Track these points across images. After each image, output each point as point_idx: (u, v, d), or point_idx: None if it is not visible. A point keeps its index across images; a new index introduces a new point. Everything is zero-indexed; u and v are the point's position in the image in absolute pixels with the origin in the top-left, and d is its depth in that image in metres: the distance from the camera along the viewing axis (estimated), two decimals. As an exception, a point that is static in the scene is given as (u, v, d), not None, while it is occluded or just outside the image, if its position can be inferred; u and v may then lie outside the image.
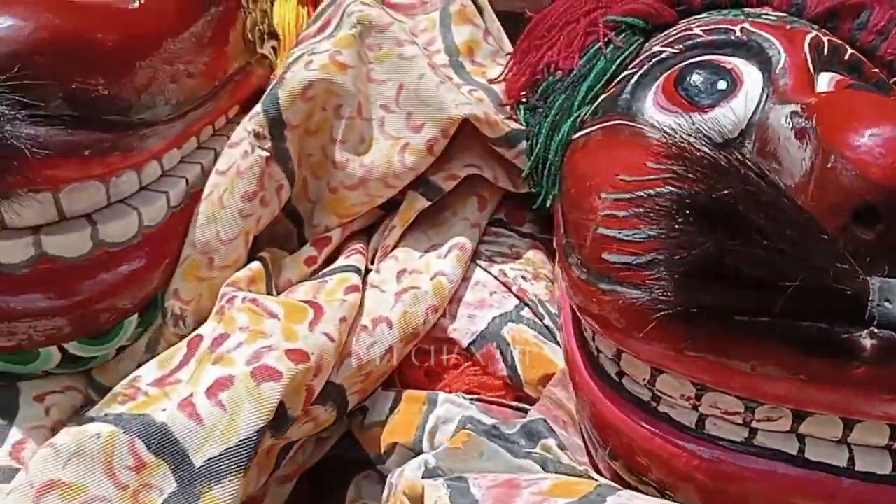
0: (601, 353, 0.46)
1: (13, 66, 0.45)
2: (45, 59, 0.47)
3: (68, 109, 0.48)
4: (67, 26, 0.48)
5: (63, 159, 0.47)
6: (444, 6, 0.66)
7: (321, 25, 0.64)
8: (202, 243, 0.55)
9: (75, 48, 0.48)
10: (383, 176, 0.59)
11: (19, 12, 0.47)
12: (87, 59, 0.49)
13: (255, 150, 0.56)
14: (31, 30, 0.47)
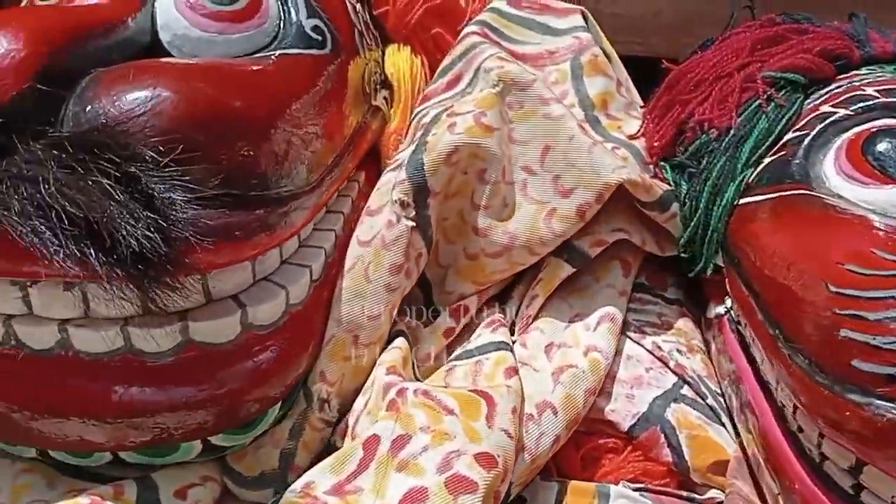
0: (828, 460, 0.42)
1: (172, 143, 0.41)
2: (202, 135, 0.43)
3: (222, 188, 0.44)
4: (219, 96, 0.45)
5: (219, 244, 0.43)
6: (574, 56, 0.62)
7: (450, 80, 0.60)
8: (348, 320, 0.52)
9: (228, 119, 0.45)
10: (528, 243, 0.55)
11: (168, 83, 0.43)
12: (239, 130, 0.45)
13: (400, 220, 0.53)
14: (184, 102, 0.43)
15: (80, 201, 0.36)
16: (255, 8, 0.53)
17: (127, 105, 0.42)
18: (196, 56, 0.51)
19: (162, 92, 0.42)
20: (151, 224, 0.37)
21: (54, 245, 0.38)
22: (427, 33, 0.67)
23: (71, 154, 0.38)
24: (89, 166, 0.37)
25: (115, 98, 0.42)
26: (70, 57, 0.43)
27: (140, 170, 0.38)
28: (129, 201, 0.37)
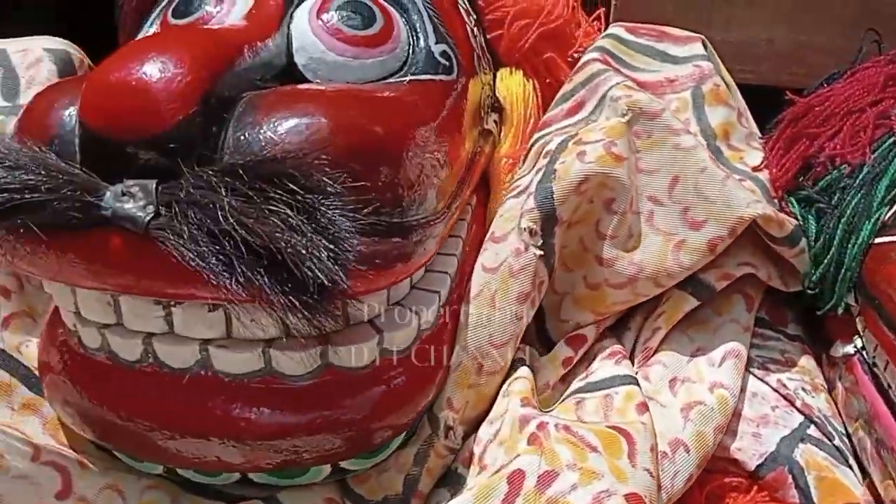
0: None
1: (334, 171, 0.41)
2: (357, 163, 0.43)
3: (372, 216, 0.44)
4: (368, 123, 0.45)
5: (365, 273, 0.43)
6: (695, 85, 0.61)
7: (572, 107, 0.60)
8: (474, 348, 0.51)
9: (375, 147, 0.45)
10: (654, 275, 0.54)
11: (324, 110, 0.43)
12: (383, 157, 0.45)
13: (528, 248, 0.52)
14: (342, 130, 0.43)
15: (261, 231, 0.37)
16: (388, 33, 0.54)
17: (287, 132, 0.42)
18: (331, 80, 0.52)
19: (320, 119, 0.43)
20: (331, 255, 0.37)
21: (226, 271, 0.38)
22: (539, 58, 0.67)
23: (246, 182, 0.38)
24: (267, 196, 0.38)
25: (275, 124, 0.42)
26: (226, 81, 0.44)
27: (315, 200, 0.38)
28: (313, 233, 0.37)
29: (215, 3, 0.54)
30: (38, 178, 0.39)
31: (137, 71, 0.40)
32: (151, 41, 0.43)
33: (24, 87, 0.58)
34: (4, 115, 0.56)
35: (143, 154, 0.40)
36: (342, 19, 0.53)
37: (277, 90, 0.46)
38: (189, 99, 0.40)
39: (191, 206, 0.39)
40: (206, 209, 0.38)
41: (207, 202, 0.38)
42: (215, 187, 0.38)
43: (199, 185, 0.39)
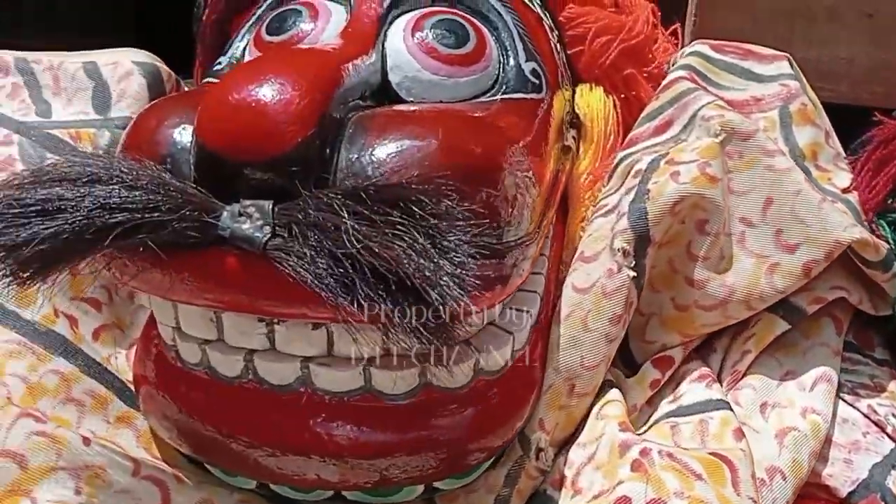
0: None
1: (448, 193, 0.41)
2: (467, 186, 0.43)
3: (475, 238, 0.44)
4: (473, 145, 0.45)
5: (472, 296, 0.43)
6: (783, 105, 0.61)
7: (660, 125, 0.60)
8: (566, 369, 0.51)
9: (481, 168, 0.45)
10: (746, 298, 0.54)
11: (434, 132, 0.43)
12: (485, 179, 0.45)
13: (622, 269, 0.52)
14: (453, 152, 0.43)
15: (388, 256, 0.37)
16: (481, 51, 0.53)
17: (399, 154, 0.42)
18: (424, 98, 0.52)
19: (430, 141, 0.43)
20: (457, 281, 0.37)
21: (347, 294, 0.38)
22: (619, 74, 0.66)
23: (368, 205, 0.38)
24: (391, 220, 0.38)
25: (386, 147, 0.42)
26: (336, 102, 0.44)
27: (439, 224, 0.38)
28: (439, 258, 0.37)
29: (310, 21, 0.54)
30: (158, 198, 0.39)
31: (256, 92, 0.40)
32: (265, 62, 0.43)
33: (116, 100, 0.59)
34: (96, 127, 0.57)
35: (260, 175, 0.40)
36: (437, 38, 0.53)
37: (384, 112, 0.46)
38: (308, 121, 0.40)
39: (311, 227, 0.39)
40: (327, 232, 0.38)
41: (329, 225, 0.38)
42: (337, 210, 0.38)
43: (319, 208, 0.39)
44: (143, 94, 0.59)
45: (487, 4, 0.57)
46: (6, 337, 0.49)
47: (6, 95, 0.58)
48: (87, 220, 0.38)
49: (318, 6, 0.55)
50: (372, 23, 0.53)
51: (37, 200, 0.38)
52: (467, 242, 0.39)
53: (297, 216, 0.39)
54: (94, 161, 0.40)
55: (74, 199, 0.38)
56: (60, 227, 0.38)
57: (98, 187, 0.39)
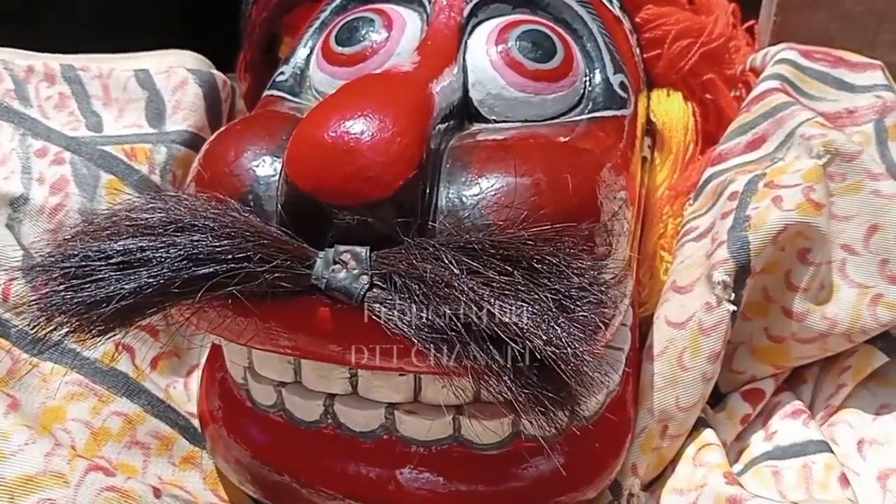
0: None
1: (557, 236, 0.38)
2: (570, 223, 0.39)
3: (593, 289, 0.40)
4: (572, 179, 0.41)
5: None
6: (878, 118, 0.57)
7: (752, 141, 0.56)
8: (660, 410, 0.48)
9: (583, 203, 0.41)
10: (848, 331, 0.50)
11: (536, 168, 0.40)
12: (586, 213, 0.41)
13: (721, 303, 0.49)
14: (560, 191, 0.39)
15: (509, 322, 0.33)
16: (569, 65, 0.50)
17: (504, 194, 0.38)
18: (508, 117, 0.48)
19: (535, 178, 0.39)
20: (586, 349, 0.34)
21: (460, 359, 0.35)
22: (698, 79, 0.62)
23: (482, 259, 0.35)
24: (511, 280, 0.34)
25: (488, 186, 0.38)
26: (433, 134, 0.40)
27: (560, 283, 0.35)
28: (569, 325, 0.34)
29: (383, 30, 0.50)
30: (248, 246, 0.36)
31: (353, 130, 0.37)
32: (358, 94, 0.39)
33: (171, 111, 0.55)
34: (152, 143, 0.53)
35: (357, 218, 0.37)
36: (523, 51, 0.49)
37: (480, 144, 0.42)
38: (410, 162, 0.37)
39: (414, 280, 0.35)
40: (436, 287, 0.35)
41: (438, 279, 0.35)
42: (447, 263, 0.35)
43: (424, 258, 0.36)
44: (200, 104, 0.56)
45: (571, 11, 0.53)
46: (67, 378, 0.46)
47: (54, 106, 0.54)
48: (173, 273, 0.35)
49: (391, 14, 0.51)
50: (452, 34, 0.49)
51: (117, 252, 0.35)
52: (588, 299, 0.36)
53: (399, 266, 0.36)
54: (177, 205, 0.36)
55: (158, 251, 0.35)
56: (144, 281, 0.35)
57: (182, 236, 0.35)
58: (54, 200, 0.49)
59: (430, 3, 0.51)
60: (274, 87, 0.52)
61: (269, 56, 0.67)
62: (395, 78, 0.42)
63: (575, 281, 0.35)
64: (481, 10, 0.51)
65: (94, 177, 0.50)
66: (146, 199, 0.37)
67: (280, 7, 0.64)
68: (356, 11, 0.53)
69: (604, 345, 0.44)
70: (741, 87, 0.66)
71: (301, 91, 0.52)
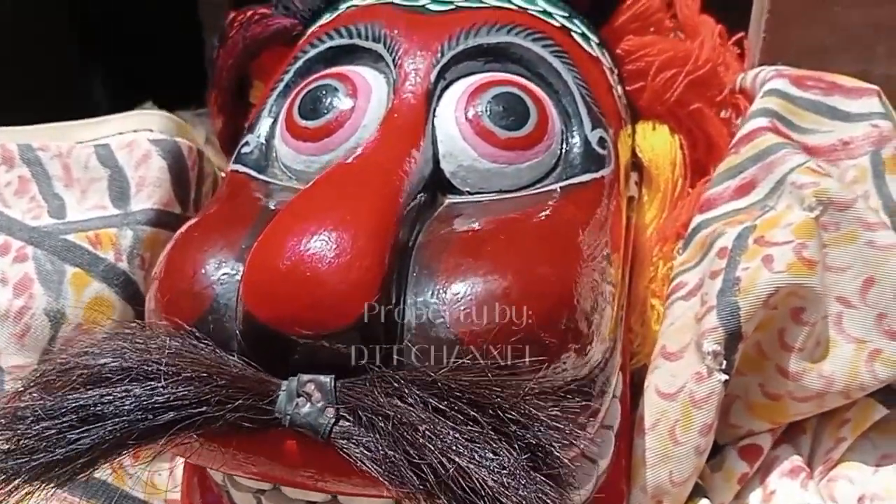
0: None
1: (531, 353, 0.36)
2: (549, 333, 0.37)
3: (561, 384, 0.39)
4: (548, 275, 0.39)
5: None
6: (874, 150, 0.54)
7: (741, 186, 0.53)
8: (654, 486, 0.47)
9: (560, 301, 0.39)
10: (846, 389, 0.49)
11: (506, 272, 0.38)
12: (565, 307, 0.39)
13: (712, 373, 0.47)
14: (535, 299, 0.37)
15: (478, 478, 0.32)
16: (544, 128, 0.47)
17: (476, 313, 0.36)
18: (482, 188, 0.46)
19: (509, 287, 0.37)
20: (542, 493, 0.33)
21: (423, 494, 0.33)
22: (685, 109, 0.59)
23: (449, 402, 0.33)
24: (479, 430, 0.33)
25: (459, 301, 0.37)
26: (400, 237, 0.38)
27: (520, 425, 0.33)
28: (529, 474, 0.32)
29: (348, 98, 0.48)
30: (206, 390, 0.34)
31: (308, 256, 0.35)
32: (313, 210, 0.37)
33: (135, 189, 0.53)
34: (117, 226, 0.51)
35: (319, 346, 0.35)
36: (494, 119, 0.46)
37: (449, 248, 0.39)
38: (371, 287, 0.35)
39: (380, 418, 0.34)
40: (402, 428, 0.33)
41: (404, 420, 0.33)
42: (412, 404, 0.33)
43: (389, 394, 0.34)
44: (165, 177, 0.53)
45: (546, 64, 0.50)
46: (42, 496, 0.45)
47: (13, 193, 0.52)
48: (129, 425, 0.33)
49: (355, 80, 0.49)
50: (419, 103, 0.47)
51: (70, 409, 0.33)
52: (561, 443, 0.34)
53: (365, 401, 0.34)
54: (130, 350, 0.35)
55: (113, 404, 0.34)
56: (100, 437, 0.33)
57: (137, 386, 0.34)
58: (19, 303, 0.48)
59: (396, 67, 0.49)
60: (239, 160, 0.50)
61: (239, 100, 0.65)
62: (355, 179, 0.40)
63: (545, 429, 0.34)
64: (450, 71, 0.49)
65: (58, 272, 0.49)
66: (99, 343, 0.36)
67: (247, 53, 0.62)
68: (320, 77, 0.50)
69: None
70: (730, 109, 0.64)
71: (268, 165, 0.50)
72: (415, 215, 0.43)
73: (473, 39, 0.49)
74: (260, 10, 0.62)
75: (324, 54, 0.52)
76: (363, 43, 0.50)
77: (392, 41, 0.50)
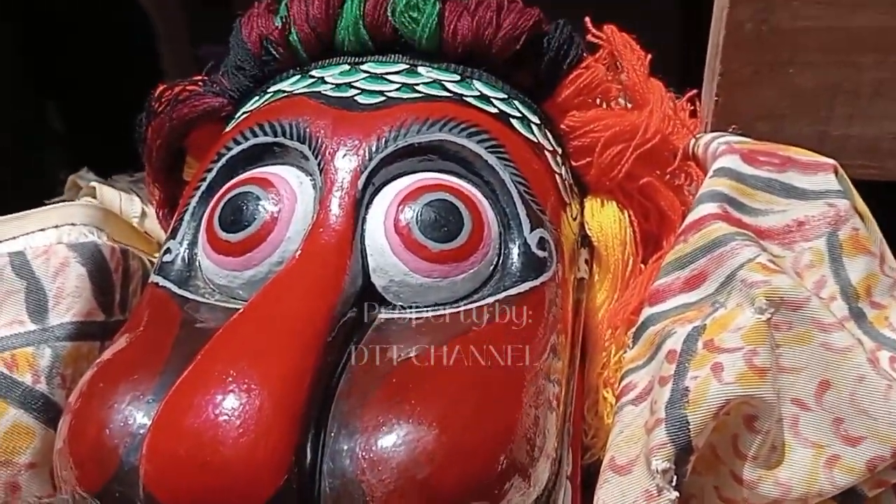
0: None
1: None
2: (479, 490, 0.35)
3: None
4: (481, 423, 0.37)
5: None
6: (831, 231, 0.52)
7: (690, 278, 0.51)
8: None
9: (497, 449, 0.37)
10: (804, 496, 0.46)
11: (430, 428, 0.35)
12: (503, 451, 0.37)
13: (661, 491, 0.45)
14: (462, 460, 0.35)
15: None
16: (479, 236, 0.45)
17: (397, 480, 0.34)
18: (416, 302, 0.44)
19: (436, 450, 0.35)
20: None
21: None
22: (634, 183, 0.57)
23: None
24: None
25: (379, 469, 0.34)
26: (316, 387, 0.36)
27: None
28: None
29: (273, 203, 0.45)
30: None
31: (210, 440, 0.32)
32: (216, 376, 0.34)
33: (53, 302, 0.50)
34: (34, 344, 0.48)
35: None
36: (425, 231, 0.44)
37: (374, 391, 0.37)
38: (280, 466, 0.32)
39: None
40: None
41: None
42: None
43: None
44: (85, 286, 0.50)
45: (481, 161, 0.47)
46: None
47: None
48: None
49: (278, 185, 0.46)
50: (347, 213, 0.44)
51: None
52: None
53: None
54: None
55: None
56: None
57: None
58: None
59: (322, 173, 0.46)
60: (161, 272, 0.47)
61: (175, 174, 0.62)
62: (268, 327, 0.37)
63: None
64: (379, 175, 0.46)
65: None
66: None
67: (174, 133, 0.58)
68: (242, 181, 0.47)
69: None
70: (683, 176, 0.61)
71: (190, 276, 0.47)
72: (342, 338, 0.40)
73: (403, 139, 0.46)
74: (189, 87, 0.59)
75: (248, 152, 0.49)
76: (288, 142, 0.48)
77: (318, 142, 0.47)
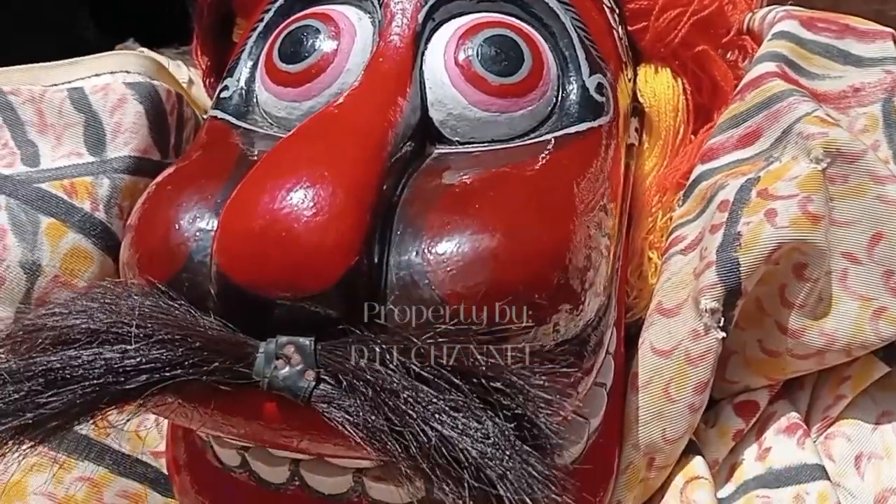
0: None
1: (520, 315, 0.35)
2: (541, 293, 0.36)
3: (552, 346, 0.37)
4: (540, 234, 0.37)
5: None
6: (886, 98, 0.51)
7: (745, 135, 0.51)
8: (646, 444, 0.46)
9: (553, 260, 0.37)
10: (848, 347, 0.47)
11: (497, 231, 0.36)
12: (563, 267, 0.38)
13: (709, 331, 0.45)
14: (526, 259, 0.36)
15: (462, 448, 0.30)
16: (538, 75, 0.45)
17: (462, 270, 0.35)
18: (473, 138, 0.44)
19: (500, 247, 0.35)
20: (545, 481, 0.31)
21: (407, 461, 0.32)
22: (689, 51, 0.57)
23: (431, 369, 0.32)
24: (461, 398, 0.31)
25: (445, 262, 0.35)
26: (383, 193, 0.36)
27: (506, 394, 0.32)
28: (514, 445, 0.31)
29: (331, 39, 0.45)
30: (179, 353, 0.33)
31: (283, 216, 0.33)
32: (289, 164, 0.35)
33: (111, 136, 0.50)
34: (93, 174, 0.49)
35: (298, 308, 0.34)
36: (486, 64, 0.44)
37: (434, 201, 0.38)
38: (350, 249, 0.33)
39: (361, 383, 0.32)
40: (382, 394, 0.32)
41: (385, 386, 0.32)
42: (390, 366, 0.32)
43: (371, 358, 0.33)
44: (142, 123, 0.51)
45: (541, 4, 0.47)
46: (23, 449, 0.44)
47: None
48: (100, 389, 0.32)
49: (339, 21, 0.46)
50: (406, 47, 0.44)
51: (38, 372, 0.32)
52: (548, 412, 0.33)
53: (346, 365, 0.33)
54: (100, 311, 0.33)
55: (81, 367, 0.32)
56: (70, 400, 0.32)
57: (107, 348, 0.32)
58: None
59: (381, 7, 0.46)
60: (219, 106, 0.48)
61: (223, 39, 0.62)
62: (336, 130, 0.38)
63: (532, 398, 0.32)
64: (439, 12, 0.46)
65: (33, 223, 0.47)
66: (68, 303, 0.34)
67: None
68: (301, 16, 0.47)
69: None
70: (737, 51, 0.61)
71: (248, 111, 0.47)
72: (401, 167, 0.41)
73: None
74: (241, -56, 0.58)
75: None
76: None
77: None
